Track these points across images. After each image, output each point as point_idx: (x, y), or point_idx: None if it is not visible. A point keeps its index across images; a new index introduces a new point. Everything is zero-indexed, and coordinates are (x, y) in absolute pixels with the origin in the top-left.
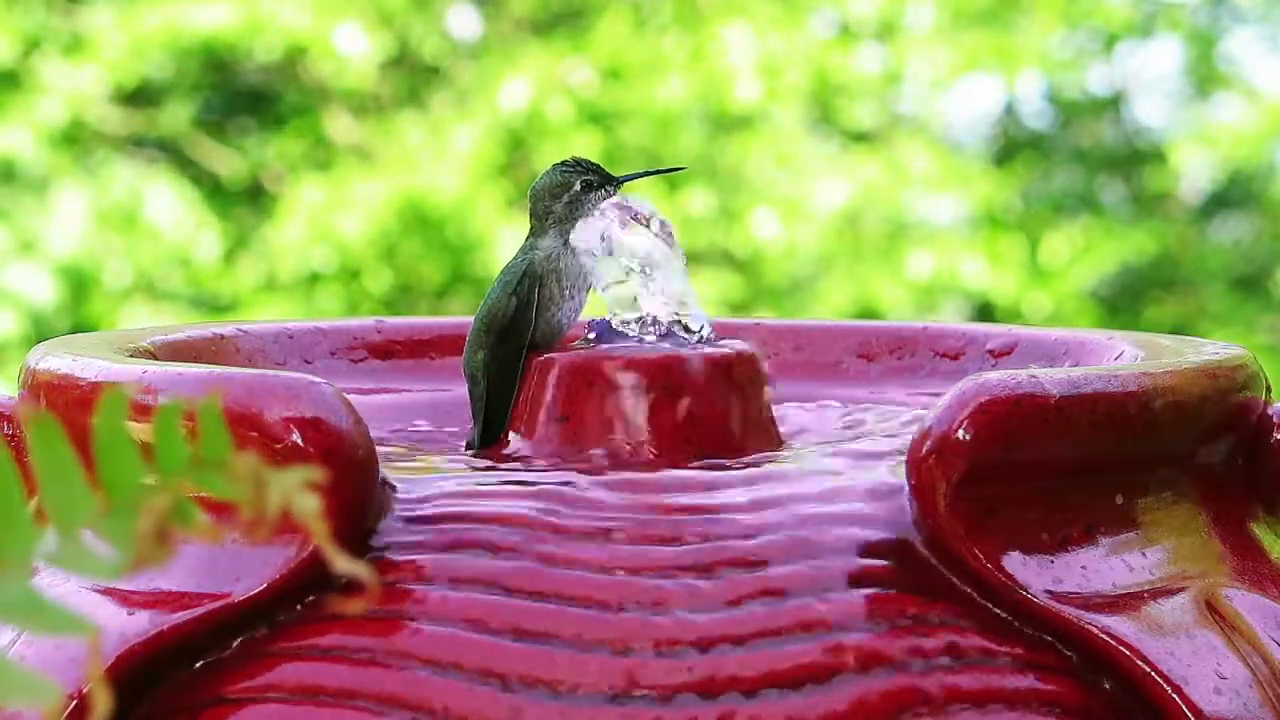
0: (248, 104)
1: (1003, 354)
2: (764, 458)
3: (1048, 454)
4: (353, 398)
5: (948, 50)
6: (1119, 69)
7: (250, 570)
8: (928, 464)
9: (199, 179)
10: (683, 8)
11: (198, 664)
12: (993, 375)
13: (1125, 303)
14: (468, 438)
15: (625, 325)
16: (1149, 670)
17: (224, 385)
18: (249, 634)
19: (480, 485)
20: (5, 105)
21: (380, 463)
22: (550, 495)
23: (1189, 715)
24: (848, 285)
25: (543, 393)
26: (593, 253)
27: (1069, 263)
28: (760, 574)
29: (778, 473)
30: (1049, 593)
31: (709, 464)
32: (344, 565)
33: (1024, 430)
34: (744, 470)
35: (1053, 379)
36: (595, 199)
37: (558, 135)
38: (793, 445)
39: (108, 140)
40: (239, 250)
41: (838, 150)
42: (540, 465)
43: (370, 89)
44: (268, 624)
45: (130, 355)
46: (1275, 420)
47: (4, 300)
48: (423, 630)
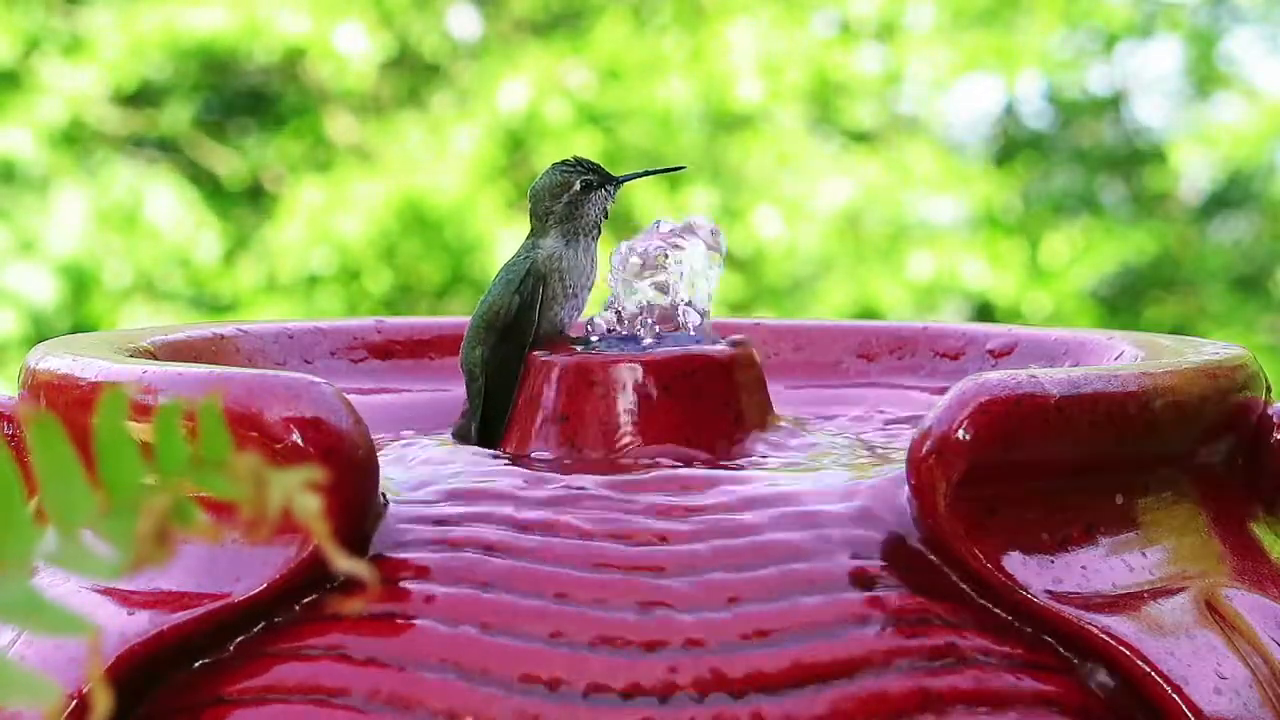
0: (247, 104)
1: (1003, 354)
2: (763, 457)
3: (1048, 454)
4: (353, 398)
5: (948, 50)
6: (1119, 69)
7: (250, 570)
8: (928, 464)
9: (199, 179)
10: (683, 8)
11: (197, 664)
12: (993, 375)
13: (1125, 303)
14: (456, 428)
15: (624, 325)
16: (1149, 670)
17: (224, 385)
18: (249, 634)
19: (480, 485)
20: (5, 105)
21: (380, 462)
22: (550, 495)
23: (1189, 715)
24: (848, 285)
25: (542, 393)
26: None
27: (1069, 263)
28: (760, 574)
29: (777, 472)
30: (1049, 593)
31: (708, 463)
32: (344, 565)
33: (1024, 430)
34: (743, 470)
35: (1053, 379)
36: (595, 199)
37: (558, 136)
38: (792, 445)
39: (108, 140)
40: (239, 250)
41: (838, 150)
42: (540, 465)
43: (370, 89)
44: (267, 624)
45: (130, 355)
46: (1275, 420)
47: (4, 300)
48: (422, 630)
